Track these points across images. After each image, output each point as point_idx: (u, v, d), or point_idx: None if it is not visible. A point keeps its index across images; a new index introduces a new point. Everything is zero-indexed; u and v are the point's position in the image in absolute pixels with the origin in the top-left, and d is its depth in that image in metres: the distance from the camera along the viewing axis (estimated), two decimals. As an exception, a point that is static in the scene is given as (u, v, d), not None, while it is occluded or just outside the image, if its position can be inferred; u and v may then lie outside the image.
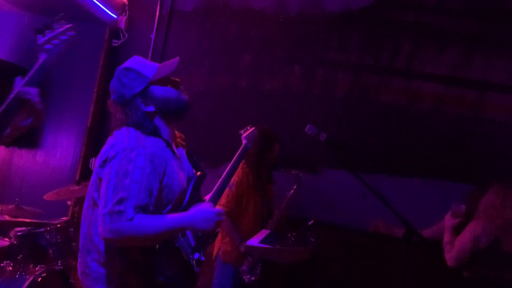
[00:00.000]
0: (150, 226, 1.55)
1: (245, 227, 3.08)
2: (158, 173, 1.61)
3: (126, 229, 1.51)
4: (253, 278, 3.02)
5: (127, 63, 1.79)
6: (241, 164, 3.19)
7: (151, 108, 1.71)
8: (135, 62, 1.78)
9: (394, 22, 3.80)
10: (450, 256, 2.67)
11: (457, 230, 2.73)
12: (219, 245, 3.19)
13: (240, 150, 2.33)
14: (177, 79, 1.79)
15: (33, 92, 1.43)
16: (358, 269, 3.42)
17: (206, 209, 1.68)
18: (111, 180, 1.54)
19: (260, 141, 3.13)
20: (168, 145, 1.72)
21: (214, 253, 3.20)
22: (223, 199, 3.05)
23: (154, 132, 1.69)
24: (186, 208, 1.76)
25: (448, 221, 2.76)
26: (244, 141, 2.44)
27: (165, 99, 1.73)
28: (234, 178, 3.13)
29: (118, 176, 1.54)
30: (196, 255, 1.78)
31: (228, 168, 2.16)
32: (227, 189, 3.12)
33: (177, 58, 1.77)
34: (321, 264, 3.46)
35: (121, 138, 1.63)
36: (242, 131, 2.51)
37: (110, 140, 1.68)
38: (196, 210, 1.69)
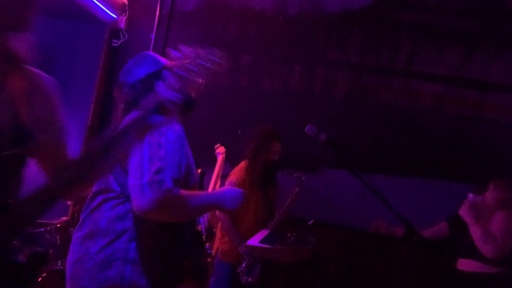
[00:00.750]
0: (186, 200, 1.57)
1: (245, 227, 3.08)
2: (184, 151, 1.64)
3: (166, 199, 1.50)
4: (250, 279, 3.01)
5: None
6: (241, 164, 3.20)
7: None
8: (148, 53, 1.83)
9: (394, 22, 3.80)
10: (494, 248, 2.54)
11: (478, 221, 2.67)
12: (218, 244, 3.19)
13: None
14: None
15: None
16: (358, 269, 3.42)
17: (233, 189, 1.73)
18: (144, 152, 1.53)
19: (257, 139, 3.14)
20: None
21: (214, 252, 3.20)
22: None
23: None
24: None
25: (468, 213, 2.69)
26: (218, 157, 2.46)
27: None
28: (234, 177, 3.13)
29: (152, 148, 1.53)
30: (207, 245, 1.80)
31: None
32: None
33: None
34: (321, 264, 3.46)
35: None
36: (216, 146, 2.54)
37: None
38: (224, 189, 1.74)
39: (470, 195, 2.75)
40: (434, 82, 3.69)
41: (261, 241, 2.64)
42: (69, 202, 3.74)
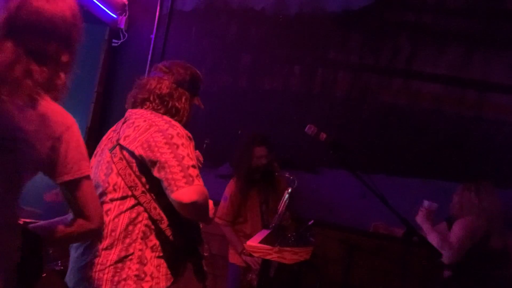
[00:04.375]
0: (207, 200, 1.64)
1: (248, 235, 3.07)
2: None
3: (205, 194, 1.58)
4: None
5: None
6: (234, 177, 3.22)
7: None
8: None
9: (394, 22, 3.80)
10: (450, 254, 2.68)
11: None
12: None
13: None
14: None
15: None
16: (358, 269, 3.42)
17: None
18: (178, 148, 1.58)
19: (239, 147, 3.15)
20: None
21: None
22: (218, 212, 3.08)
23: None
24: None
25: (424, 219, 2.78)
26: None
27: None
28: (226, 191, 3.17)
29: (181, 147, 1.59)
30: None
31: None
32: (221, 201, 3.16)
33: None
34: (321, 264, 3.46)
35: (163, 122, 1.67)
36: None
37: (144, 123, 1.67)
38: None
39: (426, 202, 2.81)
40: (434, 82, 3.68)
41: (261, 241, 2.64)
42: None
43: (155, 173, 1.58)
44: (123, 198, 1.62)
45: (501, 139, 3.52)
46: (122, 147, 1.65)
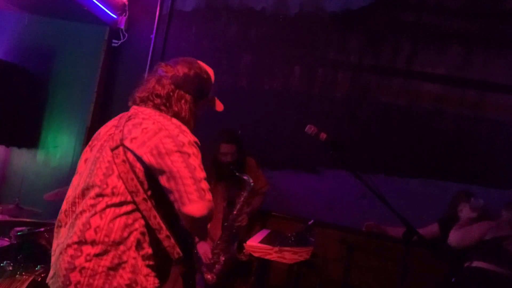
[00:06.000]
0: None
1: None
2: None
3: (212, 209, 1.53)
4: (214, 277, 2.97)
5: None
6: None
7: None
8: None
9: (394, 22, 3.80)
10: (455, 234, 2.74)
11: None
12: None
13: None
14: None
15: None
16: (358, 269, 3.42)
17: None
18: (190, 160, 1.53)
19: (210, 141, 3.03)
20: None
21: None
22: None
23: None
24: None
25: (467, 213, 2.83)
26: None
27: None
28: None
29: (192, 157, 1.54)
30: None
31: None
32: None
33: None
34: (321, 264, 3.46)
35: (173, 127, 1.60)
36: None
37: (155, 125, 1.58)
38: None
39: (473, 200, 2.87)
40: (434, 82, 3.69)
41: (261, 241, 2.64)
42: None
43: (164, 182, 1.52)
44: (121, 202, 1.54)
45: (501, 139, 3.52)
46: (126, 149, 1.56)
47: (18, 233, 2.81)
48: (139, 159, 1.54)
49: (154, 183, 1.55)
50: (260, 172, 3.30)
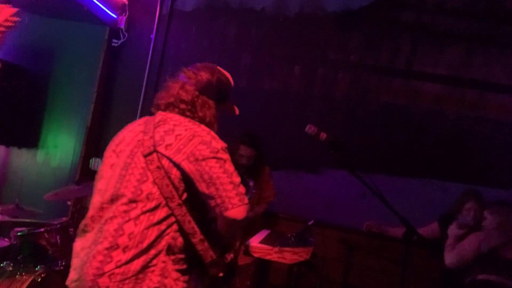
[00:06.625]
0: None
1: None
2: None
3: (248, 211, 1.60)
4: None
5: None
6: None
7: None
8: None
9: (394, 22, 3.81)
10: (450, 256, 2.69)
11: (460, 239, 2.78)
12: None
13: None
14: None
15: None
16: (357, 269, 3.42)
17: None
18: (226, 165, 1.58)
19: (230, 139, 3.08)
20: None
21: None
22: None
23: None
24: None
25: (453, 231, 2.80)
26: None
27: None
28: None
29: (228, 162, 1.59)
30: None
31: None
32: None
33: None
34: (321, 264, 3.46)
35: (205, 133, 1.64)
36: None
37: (187, 132, 1.61)
38: None
39: (461, 218, 2.86)
40: (434, 82, 3.69)
41: (261, 241, 2.64)
42: (69, 202, 3.74)
43: (203, 188, 1.55)
44: (155, 208, 1.55)
45: (501, 139, 3.52)
46: (161, 155, 1.57)
47: (18, 233, 2.81)
48: (175, 165, 1.56)
49: (188, 189, 1.58)
50: (271, 182, 3.38)
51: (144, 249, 1.52)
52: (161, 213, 1.55)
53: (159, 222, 1.55)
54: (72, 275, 1.62)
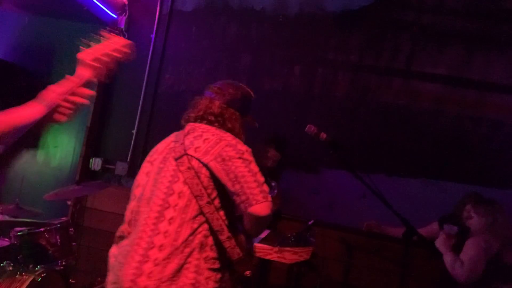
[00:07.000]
0: None
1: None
2: None
3: (272, 209, 1.69)
4: None
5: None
6: None
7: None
8: None
9: (394, 22, 3.80)
10: (461, 273, 2.62)
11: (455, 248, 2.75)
12: None
13: None
14: None
15: None
16: (357, 269, 3.42)
17: None
18: (251, 165, 1.70)
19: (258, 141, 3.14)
20: None
21: None
22: None
23: None
24: None
25: (443, 243, 2.76)
26: None
27: None
28: None
29: (255, 163, 1.72)
30: None
31: None
32: None
33: None
34: (321, 264, 3.46)
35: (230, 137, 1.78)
36: None
37: (214, 137, 1.76)
38: None
39: (446, 227, 2.81)
40: (434, 82, 3.68)
41: (261, 241, 2.64)
42: (69, 202, 3.73)
43: (230, 186, 1.66)
44: (187, 206, 1.66)
45: (501, 139, 3.52)
46: (191, 157, 1.71)
47: (18, 233, 2.81)
48: (204, 165, 1.70)
49: (217, 188, 1.70)
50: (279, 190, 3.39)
51: (178, 246, 1.61)
52: (192, 211, 1.66)
53: (191, 219, 1.65)
54: (110, 276, 1.71)
